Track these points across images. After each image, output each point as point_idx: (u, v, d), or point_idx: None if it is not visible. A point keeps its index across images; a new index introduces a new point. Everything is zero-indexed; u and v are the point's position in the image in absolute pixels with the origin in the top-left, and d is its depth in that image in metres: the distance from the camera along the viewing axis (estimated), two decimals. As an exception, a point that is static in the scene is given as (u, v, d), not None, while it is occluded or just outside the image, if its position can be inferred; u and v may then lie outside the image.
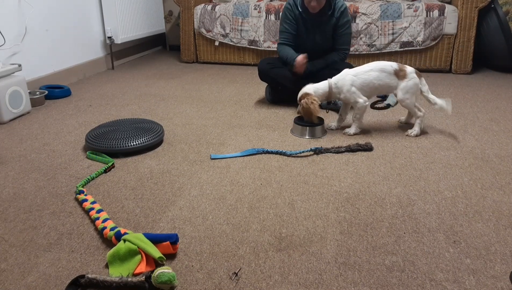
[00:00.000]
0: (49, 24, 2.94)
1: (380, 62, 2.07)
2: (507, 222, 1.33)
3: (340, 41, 2.46)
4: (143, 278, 1.04)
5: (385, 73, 2.03)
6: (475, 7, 3.19)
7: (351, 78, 2.05)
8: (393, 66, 2.03)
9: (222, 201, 1.46)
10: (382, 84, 2.05)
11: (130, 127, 1.98)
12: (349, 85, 2.04)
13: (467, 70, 3.36)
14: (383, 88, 2.07)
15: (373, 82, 2.04)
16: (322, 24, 2.42)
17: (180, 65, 3.84)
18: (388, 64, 2.04)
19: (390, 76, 2.03)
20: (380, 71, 2.03)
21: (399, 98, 2.05)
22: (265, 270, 1.11)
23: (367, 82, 2.04)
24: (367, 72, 2.04)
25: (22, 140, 2.04)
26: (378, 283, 1.06)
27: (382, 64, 2.05)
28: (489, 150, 1.88)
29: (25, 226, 1.32)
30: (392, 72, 2.03)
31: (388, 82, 2.04)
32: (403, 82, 2.01)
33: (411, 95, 2.03)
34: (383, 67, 2.04)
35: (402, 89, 2.02)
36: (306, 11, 2.40)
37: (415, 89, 2.03)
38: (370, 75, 2.04)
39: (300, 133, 2.08)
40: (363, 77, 2.04)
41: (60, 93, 2.77)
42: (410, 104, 2.05)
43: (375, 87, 2.06)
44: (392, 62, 2.05)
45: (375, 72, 2.04)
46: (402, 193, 1.51)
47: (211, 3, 3.83)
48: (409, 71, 2.02)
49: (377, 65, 2.05)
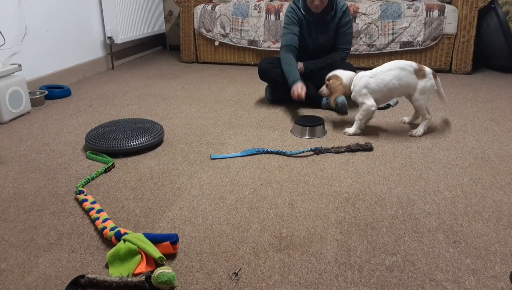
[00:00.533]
0: (49, 24, 2.94)
1: (399, 61, 2.03)
2: (507, 222, 1.33)
3: (342, 40, 2.46)
4: (143, 278, 1.04)
5: (405, 72, 1.99)
6: (475, 7, 3.19)
7: (366, 80, 2.03)
8: (413, 65, 1.99)
9: (222, 201, 1.46)
10: (402, 83, 2.00)
11: (130, 127, 1.98)
12: (362, 86, 2.03)
13: (467, 70, 3.36)
14: (403, 88, 2.02)
15: (393, 81, 2.00)
16: (325, 25, 2.42)
17: (180, 65, 3.84)
18: (408, 63, 2.00)
19: (411, 75, 1.99)
20: (400, 69, 1.99)
21: (414, 98, 2.02)
22: (265, 270, 1.11)
23: (385, 82, 2.00)
24: (385, 71, 2.01)
25: (22, 140, 2.04)
26: (378, 283, 1.06)
27: (402, 62, 2.01)
28: (489, 150, 1.88)
29: (25, 226, 1.32)
30: (413, 71, 1.98)
31: (409, 81, 1.99)
32: (422, 82, 1.98)
33: (426, 96, 2.01)
34: (404, 66, 1.99)
35: (420, 89, 1.99)
36: (308, 12, 2.40)
37: (431, 91, 2.02)
38: (389, 74, 2.00)
39: (300, 133, 2.08)
40: (380, 77, 2.01)
41: (60, 93, 2.77)
42: (423, 105, 2.03)
43: (395, 87, 2.01)
44: (411, 62, 2.01)
45: (395, 70, 1.99)
46: (402, 193, 1.51)
47: (211, 3, 3.83)
48: (428, 71, 1.99)
49: (397, 64, 2.01)
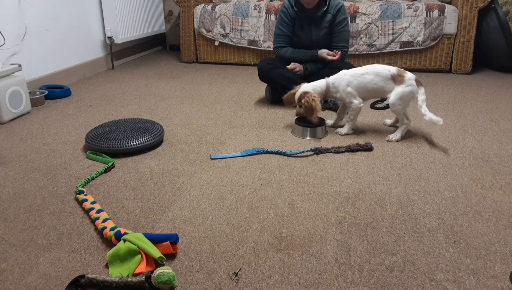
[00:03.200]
0: (49, 24, 2.94)
1: (377, 65, 2.02)
2: (507, 222, 1.33)
3: (338, 39, 2.47)
4: (143, 278, 1.04)
5: (380, 77, 1.98)
6: (475, 7, 3.19)
7: (348, 79, 2.03)
8: (391, 70, 1.97)
9: (222, 201, 1.46)
10: (377, 88, 2.01)
11: (130, 127, 1.98)
12: (345, 85, 2.03)
13: (467, 70, 3.36)
14: (378, 92, 2.03)
15: (367, 85, 2.01)
16: (317, 21, 2.44)
17: (180, 65, 3.84)
18: (385, 68, 1.99)
19: (386, 80, 1.98)
20: (375, 74, 1.99)
21: (390, 102, 1.98)
22: (265, 270, 1.11)
23: (362, 85, 2.02)
24: (362, 74, 2.01)
25: (22, 140, 2.04)
26: (378, 283, 1.06)
27: (378, 67, 2.00)
28: (489, 150, 1.88)
29: (25, 226, 1.32)
30: (389, 76, 1.97)
31: (383, 86, 1.99)
32: (400, 87, 1.95)
33: (403, 102, 1.97)
34: (379, 70, 1.99)
35: (396, 94, 1.96)
36: (301, 9, 2.43)
37: (410, 97, 1.97)
38: (365, 78, 2.01)
39: (302, 134, 2.08)
40: (358, 79, 2.02)
41: (60, 93, 2.77)
42: (400, 111, 1.99)
43: (369, 90, 2.02)
44: (391, 67, 2.00)
45: (370, 75, 2.00)
46: (402, 193, 1.51)
47: (211, 3, 3.83)
48: (408, 77, 1.95)
49: (373, 68, 2.01)
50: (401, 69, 1.99)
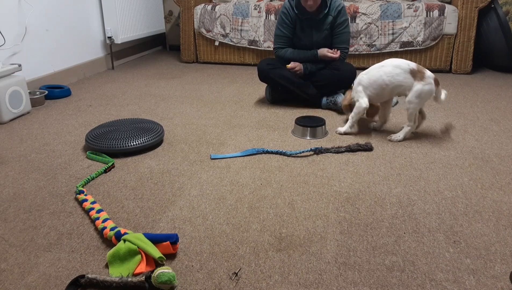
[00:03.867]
0: (49, 24, 2.94)
1: (396, 59, 1.93)
2: (507, 222, 1.33)
3: (338, 40, 2.47)
4: (143, 278, 1.04)
5: (398, 70, 1.87)
6: (475, 7, 3.19)
7: (360, 77, 2.01)
8: (410, 65, 1.87)
9: (222, 201, 1.46)
10: (394, 81, 1.89)
11: (130, 127, 1.98)
12: (356, 83, 2.02)
13: (467, 70, 3.36)
14: (395, 86, 1.91)
15: (383, 77, 1.90)
16: (319, 23, 2.44)
17: (180, 65, 3.84)
18: (405, 62, 1.88)
19: (405, 74, 1.87)
20: (393, 67, 1.89)
21: (407, 99, 1.89)
22: (265, 270, 1.11)
23: (375, 78, 1.92)
24: (378, 67, 1.93)
25: (22, 140, 2.04)
26: (378, 283, 1.06)
27: (397, 61, 1.90)
28: (489, 150, 1.88)
29: (25, 226, 1.32)
30: (408, 70, 1.86)
31: (401, 80, 1.88)
32: (419, 84, 1.85)
33: (420, 100, 1.88)
34: (398, 63, 1.89)
35: (415, 91, 1.86)
36: (302, 11, 2.42)
37: (428, 96, 1.88)
38: (380, 70, 1.91)
39: (302, 134, 2.08)
40: (372, 73, 1.95)
41: (60, 93, 2.77)
42: (414, 110, 1.91)
43: (386, 83, 1.91)
44: (410, 62, 1.89)
45: (387, 67, 1.90)
46: (402, 193, 1.51)
47: (211, 3, 3.83)
48: (428, 75, 1.86)
49: (392, 61, 1.91)
50: (420, 66, 1.90)
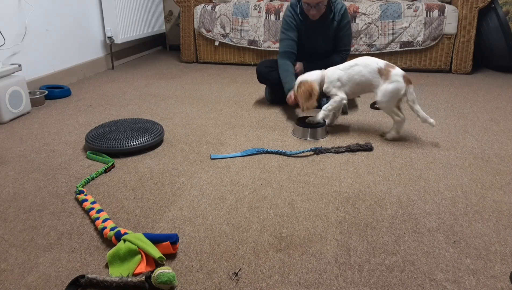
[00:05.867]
0: (49, 24, 2.94)
1: (367, 57, 1.98)
2: (507, 222, 1.33)
3: (342, 42, 2.45)
4: (143, 278, 1.04)
5: (368, 69, 1.93)
6: (475, 7, 3.19)
7: (339, 73, 2.02)
8: (379, 63, 1.92)
9: (222, 201, 1.46)
10: (364, 80, 1.96)
11: (130, 127, 1.98)
12: (335, 78, 2.02)
13: (467, 70, 3.36)
14: (365, 85, 1.98)
15: (355, 77, 1.97)
16: (324, 28, 2.41)
17: (180, 65, 3.84)
18: (374, 61, 1.94)
19: (373, 73, 1.93)
20: (363, 66, 1.95)
21: (377, 99, 1.96)
22: (265, 270, 1.11)
23: (350, 77, 1.99)
24: (352, 66, 1.99)
25: (22, 140, 2.04)
26: (378, 283, 1.06)
27: (368, 59, 1.96)
28: (489, 150, 1.88)
29: (25, 226, 1.32)
30: (376, 69, 1.92)
31: (370, 79, 1.94)
32: (385, 84, 1.90)
33: (389, 99, 1.91)
34: (368, 63, 1.94)
35: (381, 90, 1.92)
36: (307, 17, 2.38)
37: (394, 94, 1.90)
38: (353, 70, 1.97)
39: (302, 135, 2.07)
40: (348, 71, 1.99)
41: (60, 93, 2.77)
42: (387, 109, 1.96)
43: (357, 82, 1.98)
44: (381, 60, 1.94)
45: (359, 66, 1.96)
46: (402, 193, 1.51)
47: (211, 3, 3.83)
48: (393, 73, 1.88)
49: (363, 60, 1.97)
50: (390, 64, 1.93)
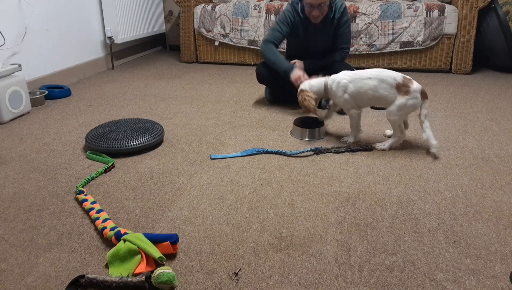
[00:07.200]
0: (49, 24, 2.94)
1: (383, 71, 1.83)
2: (507, 222, 1.33)
3: (341, 40, 2.45)
4: (143, 278, 1.04)
5: (384, 84, 1.81)
6: (475, 7, 3.19)
7: (345, 85, 1.89)
8: (397, 78, 1.79)
9: (222, 201, 1.46)
10: (378, 96, 1.84)
11: (130, 127, 1.98)
12: (342, 92, 1.90)
13: (467, 70, 3.36)
14: (379, 100, 1.86)
15: (368, 92, 1.84)
16: (324, 27, 2.41)
17: (180, 65, 3.84)
18: (391, 76, 1.80)
19: (390, 89, 1.80)
20: (380, 81, 1.82)
21: (388, 110, 1.84)
22: (265, 270, 1.11)
23: (362, 91, 1.86)
24: (364, 79, 1.85)
25: (22, 140, 2.04)
26: (378, 283, 1.06)
27: (384, 74, 1.82)
28: (489, 150, 1.88)
29: (25, 226, 1.32)
30: (394, 85, 1.79)
31: (386, 95, 1.82)
32: (403, 99, 1.78)
33: (402, 113, 1.82)
34: (385, 78, 1.81)
35: (398, 105, 1.79)
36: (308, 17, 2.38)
37: (410, 110, 1.81)
38: (366, 84, 1.84)
39: (300, 135, 2.07)
40: (358, 84, 1.86)
41: (60, 93, 2.77)
42: (396, 122, 1.84)
43: (369, 98, 1.86)
44: (397, 74, 1.81)
45: (374, 81, 1.83)
46: (402, 193, 1.51)
47: (211, 3, 3.83)
48: (413, 89, 1.77)
49: (379, 74, 1.82)
50: (407, 78, 1.81)
